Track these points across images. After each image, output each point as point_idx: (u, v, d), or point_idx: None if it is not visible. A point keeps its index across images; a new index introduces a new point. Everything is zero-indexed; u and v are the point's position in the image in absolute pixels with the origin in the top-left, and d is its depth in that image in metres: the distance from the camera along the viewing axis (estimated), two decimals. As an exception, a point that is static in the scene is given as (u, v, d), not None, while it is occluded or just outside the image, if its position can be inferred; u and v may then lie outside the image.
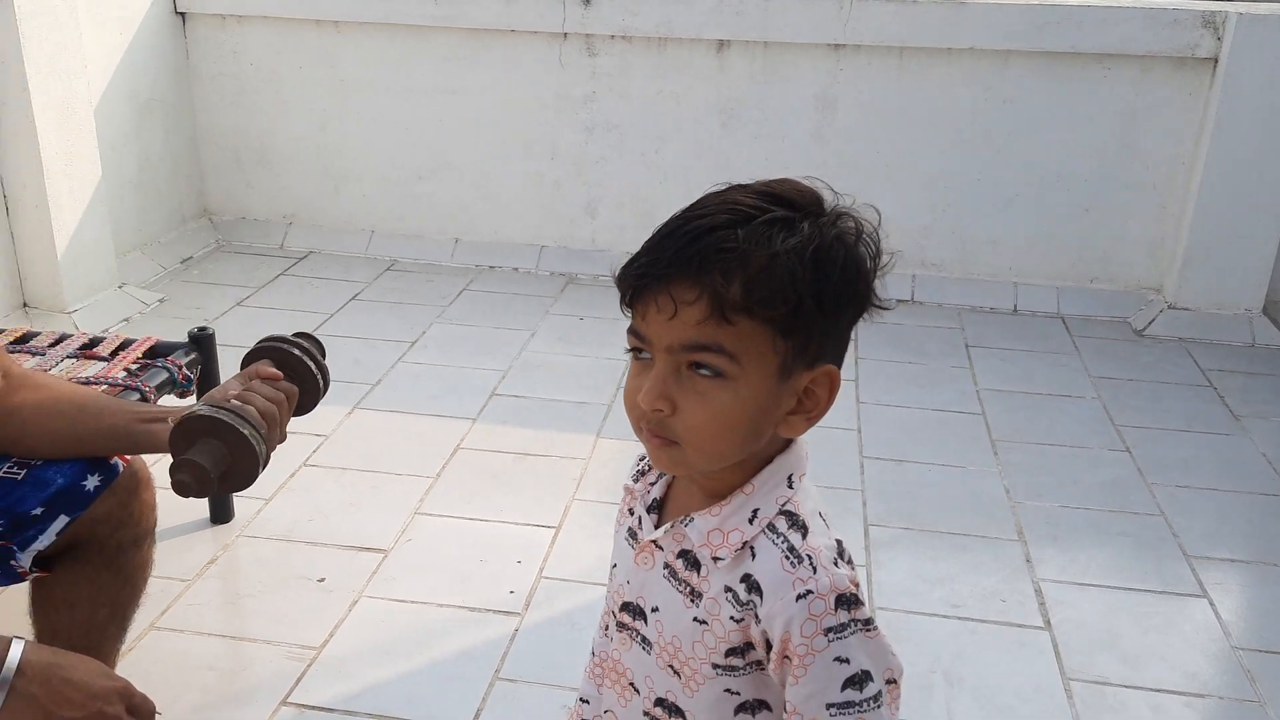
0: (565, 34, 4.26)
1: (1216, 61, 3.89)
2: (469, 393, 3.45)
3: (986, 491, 2.99)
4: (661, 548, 1.03)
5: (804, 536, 0.95)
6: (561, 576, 2.57)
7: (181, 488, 1.45)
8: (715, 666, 0.99)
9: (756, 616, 0.95)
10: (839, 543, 0.98)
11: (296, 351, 1.61)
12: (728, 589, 0.97)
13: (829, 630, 0.92)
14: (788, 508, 0.97)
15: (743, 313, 0.88)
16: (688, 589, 1.01)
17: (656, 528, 1.05)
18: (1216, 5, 3.99)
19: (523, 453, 3.11)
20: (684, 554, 1.01)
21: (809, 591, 0.92)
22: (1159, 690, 2.27)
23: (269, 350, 1.62)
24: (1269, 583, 2.67)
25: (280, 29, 4.47)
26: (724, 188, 0.95)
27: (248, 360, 1.63)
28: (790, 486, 0.98)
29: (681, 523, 1.01)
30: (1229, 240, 4.01)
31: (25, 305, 3.77)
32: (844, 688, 0.93)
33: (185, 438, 1.45)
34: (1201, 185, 3.97)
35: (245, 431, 1.43)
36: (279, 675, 2.21)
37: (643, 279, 0.91)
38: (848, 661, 0.92)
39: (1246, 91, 3.83)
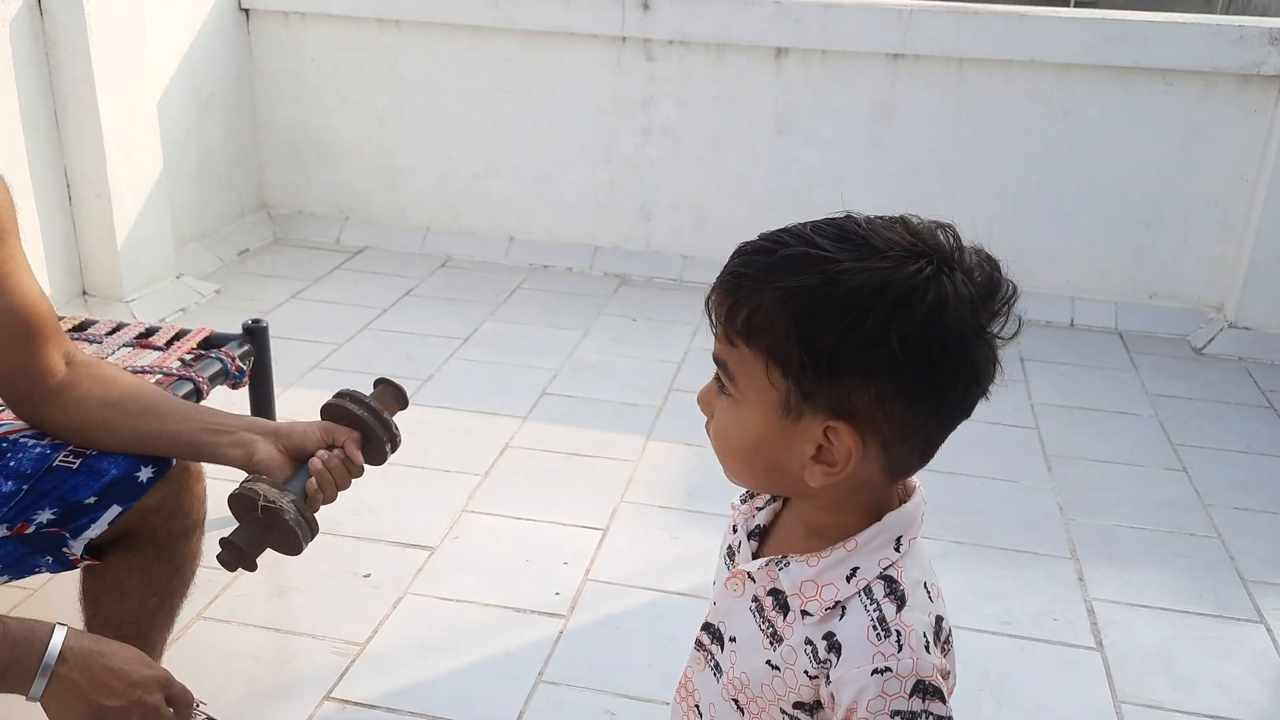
0: (624, 38, 4.27)
1: (1284, 79, 3.82)
2: (520, 391, 3.47)
3: (1040, 507, 2.95)
4: (754, 579, 1.00)
5: (899, 609, 0.91)
6: (608, 579, 2.57)
7: (224, 564, 1.49)
8: (784, 713, 0.97)
9: (828, 677, 0.92)
10: (939, 620, 0.93)
11: (369, 419, 1.60)
12: (808, 642, 0.94)
13: (896, 714, 0.88)
14: (889, 572, 0.92)
15: (740, 338, 0.89)
16: (770, 630, 0.98)
17: (755, 556, 1.03)
18: (1284, 22, 3.91)
19: (572, 453, 3.12)
20: (775, 593, 0.98)
21: (888, 669, 0.88)
22: (1213, 716, 2.23)
23: (345, 413, 1.58)
24: (1329, 611, 2.60)
25: (342, 27, 4.53)
26: (839, 215, 0.93)
27: (328, 414, 1.62)
28: (897, 549, 0.93)
29: (777, 564, 0.98)
30: (1294, 260, 3.92)
31: (84, 293, 3.84)
32: None
33: (236, 506, 1.48)
34: (1265, 203, 3.89)
35: (289, 518, 1.44)
36: (323, 669, 2.24)
37: (711, 289, 0.93)
38: None
39: (1316, 109, 3.76)
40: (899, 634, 0.89)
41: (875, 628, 0.90)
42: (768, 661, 0.97)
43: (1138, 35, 3.88)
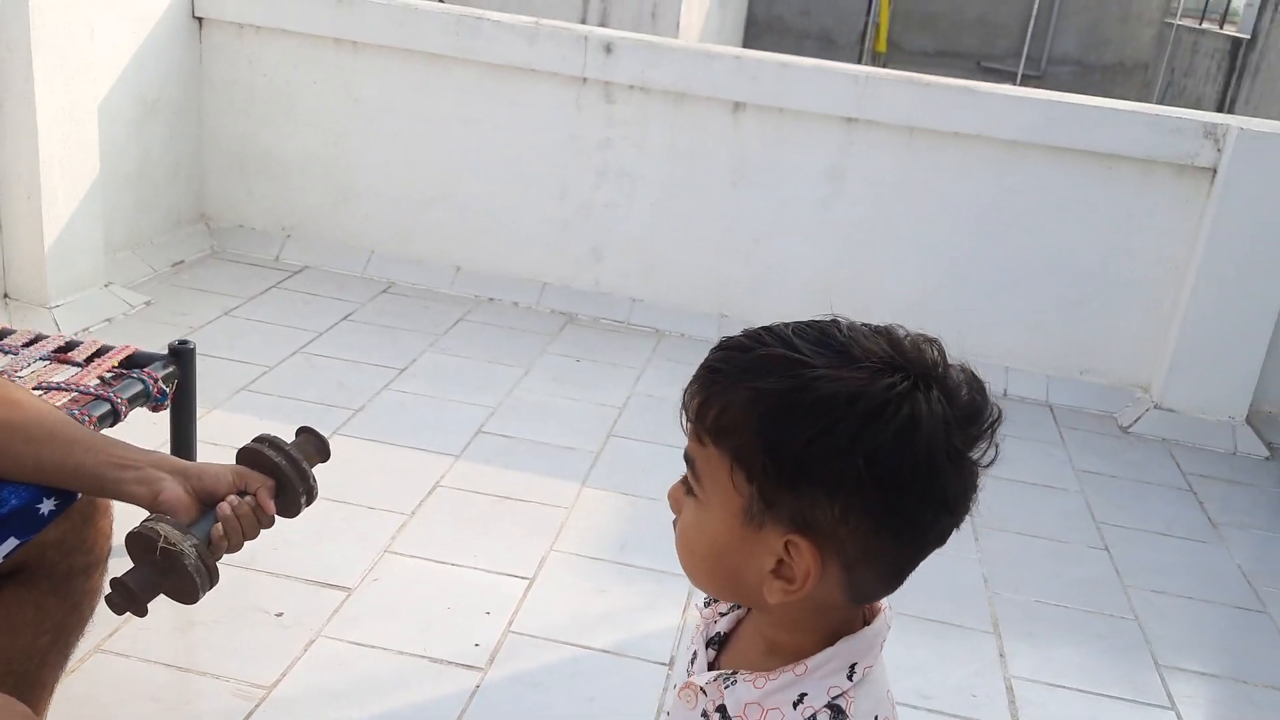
0: (585, 79, 4.26)
1: (1215, 171, 3.93)
2: (454, 428, 3.40)
3: (965, 579, 2.97)
4: (705, 693, 0.95)
5: None
6: (531, 632, 2.51)
7: (112, 606, 1.41)
8: None
9: None
10: None
11: (287, 467, 1.52)
12: None
13: None
14: (838, 702, 0.88)
15: (708, 436, 0.86)
16: None
17: (711, 666, 1.00)
18: (1219, 118, 4.05)
19: (504, 496, 3.06)
20: (722, 709, 0.94)
21: None
22: (1124, 805, 2.24)
23: (262, 460, 1.51)
24: (1238, 700, 2.65)
25: (298, 43, 4.46)
26: (824, 318, 0.90)
27: (244, 458, 1.55)
28: (850, 678, 0.89)
29: (725, 680, 0.94)
30: (1217, 347, 4.03)
31: (6, 296, 3.70)
32: None
33: (134, 546, 1.40)
34: (1193, 290, 4.00)
35: (189, 564, 1.37)
36: (225, 712, 2.14)
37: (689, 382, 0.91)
38: None
39: (1242, 203, 3.87)
40: None
41: None
42: None
43: (1081, 119, 3.99)
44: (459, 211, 4.54)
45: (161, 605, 1.42)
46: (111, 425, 2.13)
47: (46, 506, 1.58)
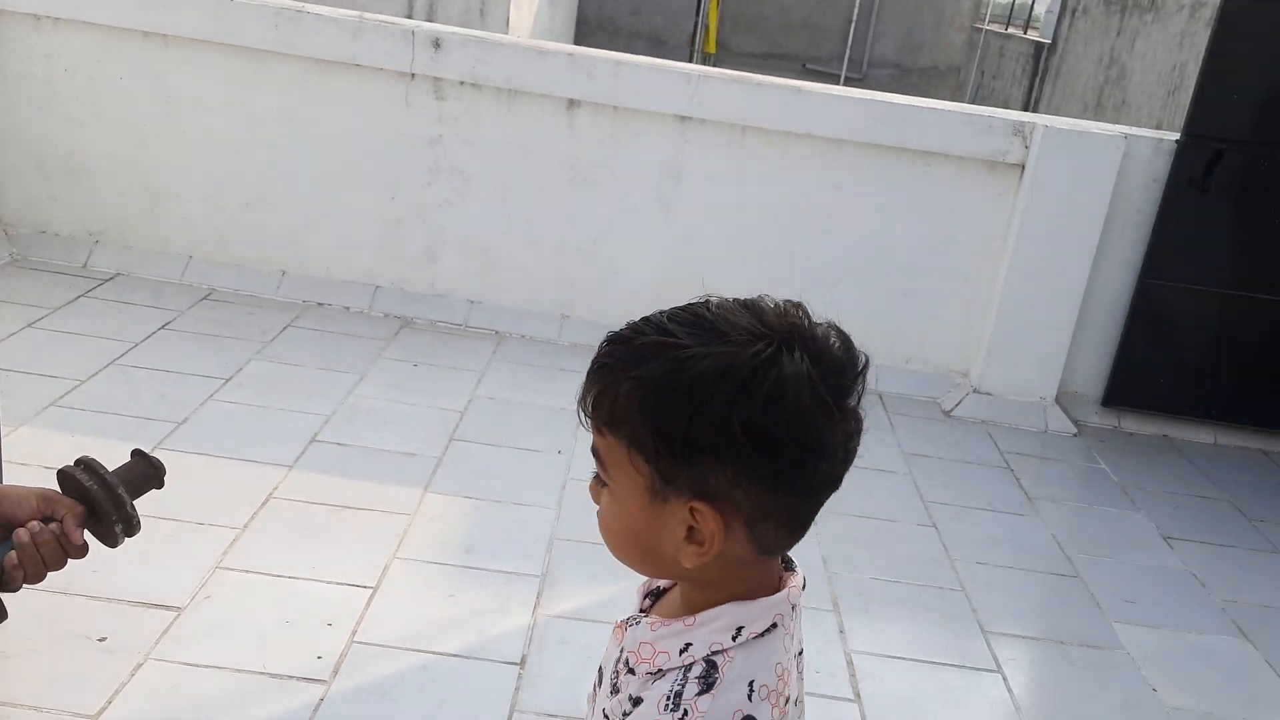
0: (413, 74, 4.18)
1: (1024, 167, 4.18)
2: (286, 438, 3.28)
3: (805, 560, 3.03)
4: (624, 639, 1.01)
5: (701, 693, 0.90)
6: (376, 641, 2.45)
7: None
8: None
9: None
10: None
11: (99, 493, 1.39)
12: (629, 699, 0.95)
13: None
14: (715, 658, 0.92)
15: (605, 427, 0.92)
16: (615, 681, 1.00)
17: (642, 613, 1.05)
18: (1026, 116, 4.30)
19: (342, 505, 2.97)
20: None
21: None
22: (959, 768, 2.35)
23: (74, 484, 1.36)
24: (1056, 659, 2.82)
25: (102, 36, 4.20)
26: (698, 300, 0.93)
27: (61, 481, 1.42)
28: (734, 639, 0.92)
29: (630, 622, 1.00)
30: (1028, 333, 4.28)
31: None
32: None
33: None
34: (1006, 281, 4.24)
35: None
36: (50, 745, 2.01)
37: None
38: None
39: (1048, 197, 4.13)
40: (686, 714, 0.89)
41: (669, 699, 0.90)
42: (603, 710, 1.00)
43: (902, 118, 4.17)
44: (283, 213, 4.38)
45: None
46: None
47: None
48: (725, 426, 0.85)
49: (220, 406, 3.42)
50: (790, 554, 1.00)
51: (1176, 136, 4.16)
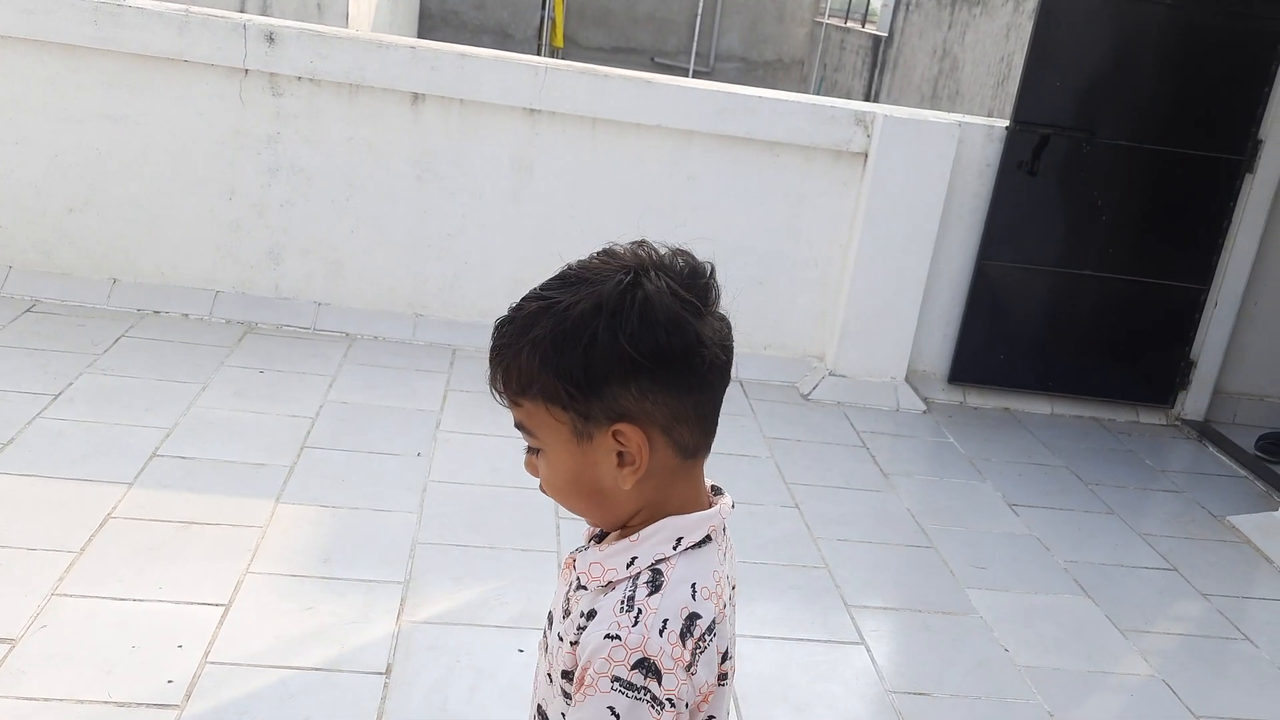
0: (247, 70, 4.01)
1: (867, 156, 4.31)
2: (125, 454, 3.10)
3: (671, 552, 3.07)
4: (576, 565, 1.11)
5: (650, 594, 1.02)
6: (231, 660, 2.34)
7: None
8: (552, 681, 1.09)
9: (581, 642, 1.03)
10: (692, 617, 1.01)
11: None
12: (582, 614, 1.05)
13: (616, 679, 0.98)
14: (659, 565, 1.04)
15: (519, 395, 1.03)
16: (567, 605, 1.10)
17: None
18: (867, 106, 4.43)
19: (188, 521, 2.83)
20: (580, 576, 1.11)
21: (617, 637, 0.99)
22: (827, 741, 2.41)
23: None
24: (914, 627, 2.92)
25: (-100, 31, 3.89)
26: (563, 267, 1.05)
27: None
28: (674, 548, 1.04)
29: (579, 550, 1.12)
30: (878, 316, 4.43)
31: None
32: None
33: None
34: (855, 266, 4.37)
35: None
36: None
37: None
38: (618, 718, 0.97)
39: (891, 184, 4.27)
40: (640, 612, 1.00)
41: (623, 602, 1.01)
42: (559, 635, 1.09)
43: (749, 109, 4.23)
44: (111, 218, 4.14)
45: None
46: None
47: None
48: (615, 349, 0.98)
49: (49, 424, 3.21)
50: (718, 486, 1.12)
51: (1006, 124, 4.36)
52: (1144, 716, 2.65)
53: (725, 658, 1.06)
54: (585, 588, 1.07)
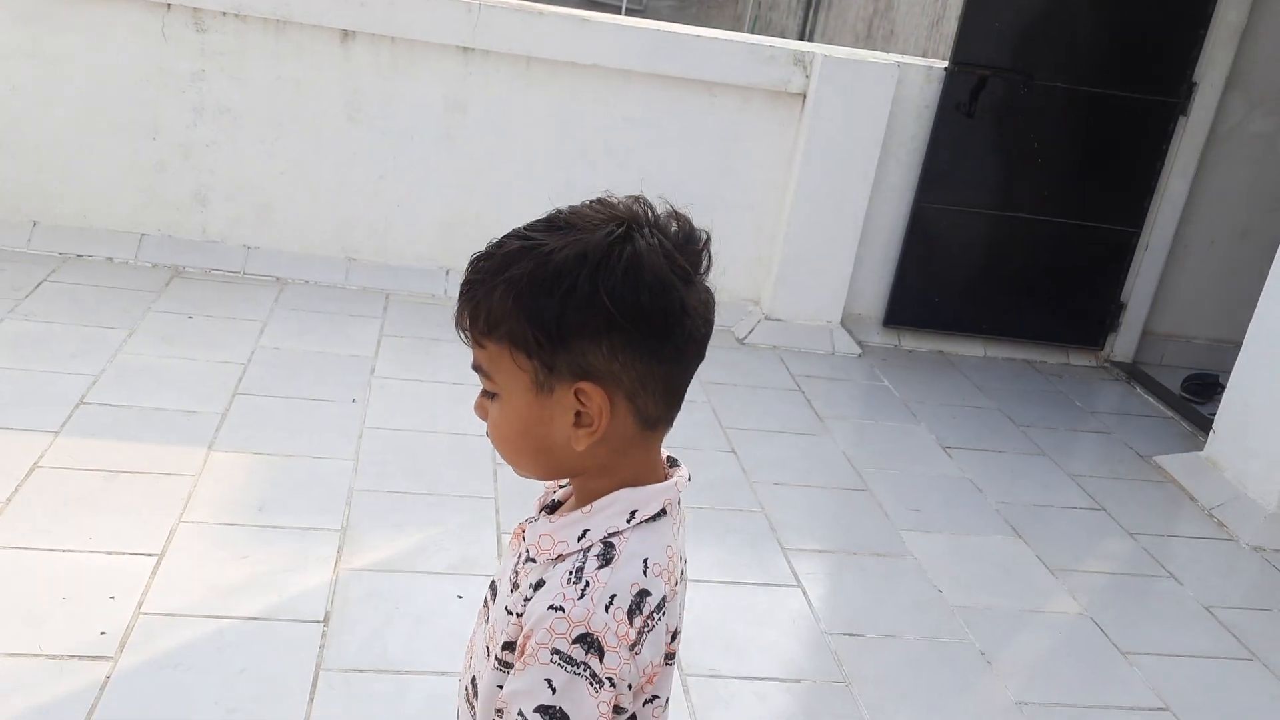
0: (169, 4, 3.85)
1: (805, 97, 4.28)
2: (49, 402, 3.01)
3: (611, 497, 3.07)
4: (525, 537, 1.07)
5: (600, 566, 0.98)
6: (165, 611, 2.31)
7: None
8: (490, 654, 1.04)
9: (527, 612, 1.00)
10: (642, 594, 0.97)
11: None
12: (531, 585, 1.01)
13: (556, 652, 0.94)
14: (611, 539, 1.00)
15: (484, 336, 0.98)
16: (515, 578, 1.06)
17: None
18: (806, 46, 4.40)
19: (118, 470, 2.76)
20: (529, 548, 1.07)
21: (561, 609, 0.95)
22: (762, 679, 2.45)
23: None
24: (849, 569, 2.97)
25: None
26: (552, 210, 1.00)
27: None
28: (628, 522, 1.00)
29: (530, 520, 1.07)
30: (814, 259, 4.44)
31: None
32: (538, 710, 0.94)
33: None
34: (792, 209, 4.36)
35: None
36: None
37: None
38: (554, 691, 0.94)
39: (829, 126, 4.26)
40: (588, 585, 0.96)
41: (571, 574, 0.98)
42: (505, 608, 1.04)
43: (686, 48, 4.18)
44: (29, 159, 3.98)
45: None
46: None
47: None
48: (593, 303, 0.93)
49: (-32, 373, 3.11)
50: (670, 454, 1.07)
51: (945, 65, 4.36)
52: (1073, 653, 2.73)
53: (674, 636, 1.03)
54: (534, 560, 1.03)
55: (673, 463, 1.08)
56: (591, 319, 0.93)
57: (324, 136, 4.10)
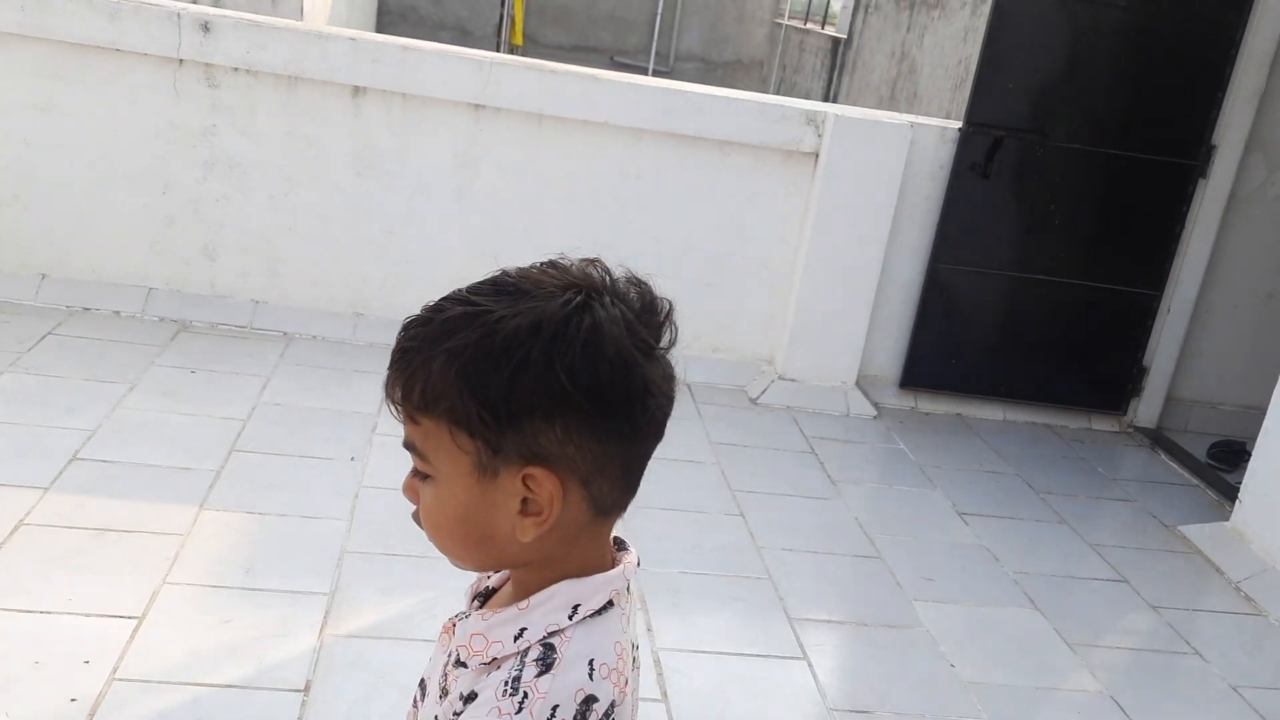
0: (181, 60, 3.88)
1: (817, 156, 4.24)
2: (42, 456, 2.97)
3: (612, 562, 2.98)
4: (456, 633, 0.97)
5: (540, 674, 0.87)
6: (140, 677, 2.23)
7: None
8: None
9: None
10: (588, 700, 0.87)
11: None
12: (461, 696, 0.91)
13: None
14: (551, 640, 0.89)
15: (420, 411, 0.88)
16: (444, 683, 0.96)
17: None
18: (819, 106, 4.37)
19: (103, 528, 2.70)
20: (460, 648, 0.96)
21: None
22: (766, 758, 2.33)
23: None
24: (859, 642, 2.85)
25: None
26: (495, 273, 0.90)
27: None
28: (570, 618, 0.90)
29: (460, 616, 0.96)
30: (829, 319, 4.36)
31: None
32: None
33: None
34: (805, 268, 4.30)
35: None
36: None
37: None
38: None
39: (841, 184, 4.21)
40: (526, 696, 0.86)
41: (507, 684, 0.87)
42: (435, 716, 0.95)
43: (697, 108, 4.16)
44: (40, 212, 3.99)
45: None
46: None
47: None
48: (548, 379, 0.84)
49: (-38, 426, 3.07)
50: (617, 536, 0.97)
51: (959, 125, 4.31)
52: (1089, 731, 2.60)
53: None
54: (465, 665, 0.93)
55: (620, 546, 0.98)
56: (545, 397, 0.84)
57: (334, 192, 4.09)
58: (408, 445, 0.91)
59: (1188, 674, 2.92)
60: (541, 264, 0.91)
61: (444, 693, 0.95)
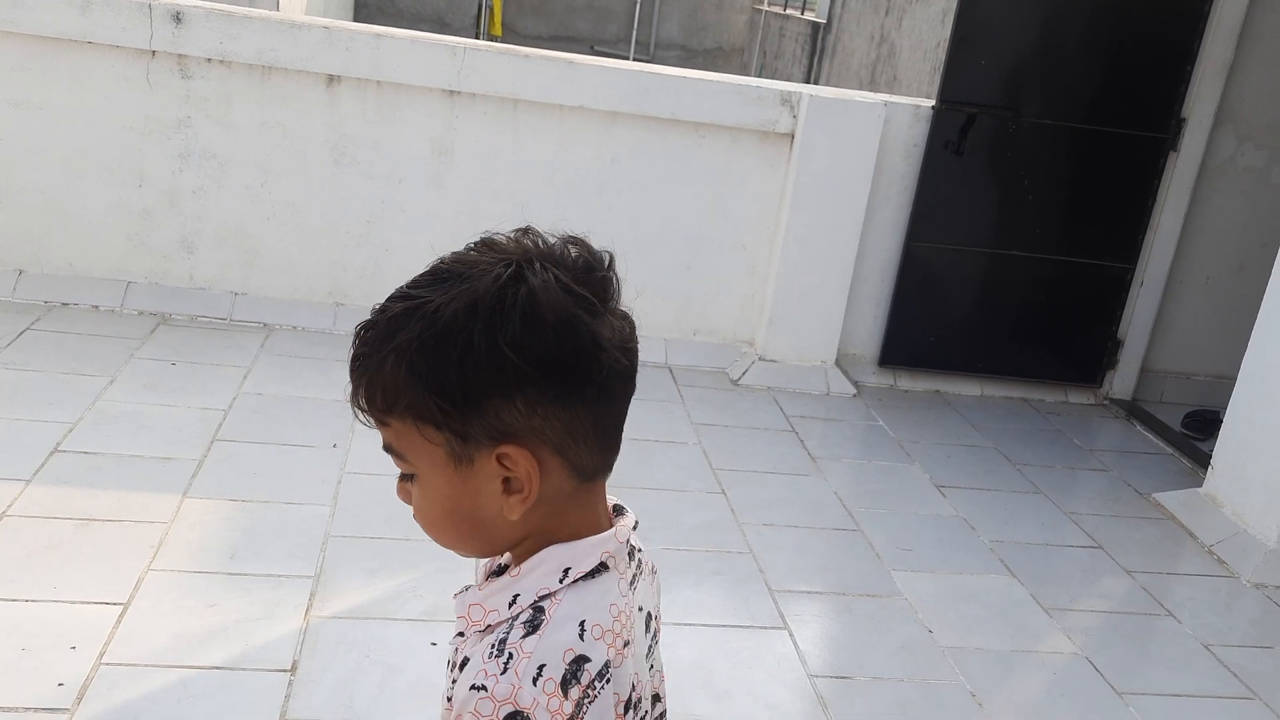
0: (154, 52, 3.87)
1: (793, 137, 4.27)
2: (23, 450, 2.98)
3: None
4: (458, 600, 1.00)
5: (526, 635, 0.88)
6: (127, 661, 2.25)
7: None
8: None
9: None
10: (579, 660, 0.88)
11: None
12: (456, 665, 0.93)
13: None
14: (542, 603, 0.91)
15: (385, 413, 0.89)
16: (453, 656, 0.97)
17: None
18: (793, 86, 4.39)
19: (87, 518, 2.72)
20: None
21: (483, 688, 0.86)
22: (747, 725, 2.37)
23: None
24: (839, 611, 2.89)
25: None
26: (437, 260, 0.91)
27: None
28: (561, 581, 0.91)
29: (462, 592, 0.97)
30: (807, 299, 4.40)
31: None
32: None
33: None
34: (783, 249, 4.33)
35: None
36: None
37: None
38: None
39: (817, 164, 4.24)
40: (511, 657, 0.87)
41: (494, 647, 0.88)
42: (445, 692, 0.97)
43: (672, 90, 4.17)
44: (14, 208, 3.98)
45: None
46: None
47: None
48: (495, 357, 0.84)
49: (-57, 421, 3.08)
50: (621, 504, 0.99)
51: (932, 103, 4.34)
52: (1067, 694, 2.64)
53: (630, 706, 0.92)
54: (464, 634, 0.94)
55: (619, 511, 0.98)
56: (497, 375, 0.84)
57: (311, 181, 4.10)
58: (386, 448, 0.92)
59: (1161, 634, 2.97)
60: (474, 244, 0.91)
61: (451, 666, 0.96)
